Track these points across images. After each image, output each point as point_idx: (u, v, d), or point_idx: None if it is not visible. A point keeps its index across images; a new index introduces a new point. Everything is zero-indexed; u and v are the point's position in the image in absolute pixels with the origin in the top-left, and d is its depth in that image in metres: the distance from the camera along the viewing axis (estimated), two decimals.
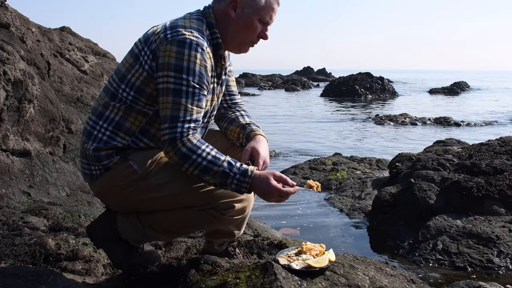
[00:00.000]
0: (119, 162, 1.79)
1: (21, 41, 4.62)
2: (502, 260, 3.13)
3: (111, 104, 1.81)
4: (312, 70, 50.60)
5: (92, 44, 7.10)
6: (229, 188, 1.70)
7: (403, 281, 1.83)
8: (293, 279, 1.60)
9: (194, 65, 1.68)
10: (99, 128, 1.81)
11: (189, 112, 1.69)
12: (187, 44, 1.68)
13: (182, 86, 1.68)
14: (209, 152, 1.68)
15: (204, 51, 1.71)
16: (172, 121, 1.68)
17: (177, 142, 1.67)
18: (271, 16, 1.87)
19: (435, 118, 13.81)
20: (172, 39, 1.69)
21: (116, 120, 1.80)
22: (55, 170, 3.78)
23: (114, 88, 1.81)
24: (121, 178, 1.79)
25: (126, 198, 1.83)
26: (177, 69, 1.67)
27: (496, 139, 4.80)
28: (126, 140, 1.80)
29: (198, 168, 1.67)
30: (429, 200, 3.76)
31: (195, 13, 1.85)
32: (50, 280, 1.87)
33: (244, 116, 2.04)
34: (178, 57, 1.67)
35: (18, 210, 2.93)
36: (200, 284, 1.67)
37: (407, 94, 28.76)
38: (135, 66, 1.77)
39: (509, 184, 3.66)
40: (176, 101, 1.68)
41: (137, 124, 1.80)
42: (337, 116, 15.75)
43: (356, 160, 6.58)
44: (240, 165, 1.69)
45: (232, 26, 1.83)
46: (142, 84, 1.76)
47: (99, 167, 1.81)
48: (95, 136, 1.81)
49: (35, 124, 3.74)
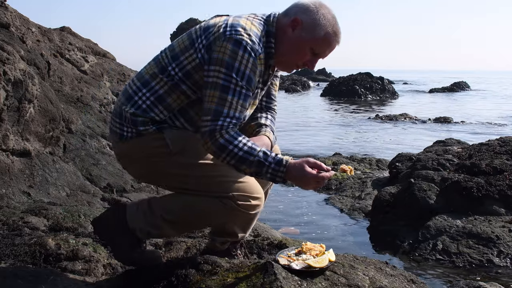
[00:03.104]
0: (154, 132, 1.84)
1: (21, 41, 4.62)
2: (502, 260, 3.13)
3: (159, 77, 1.85)
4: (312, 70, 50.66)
5: (92, 44, 7.10)
6: (264, 177, 1.76)
7: (403, 281, 1.83)
8: (293, 279, 1.60)
9: (245, 68, 1.74)
10: (141, 95, 1.85)
11: (233, 109, 1.74)
12: (242, 46, 1.72)
13: (231, 84, 1.73)
14: (246, 143, 1.74)
15: (256, 57, 1.76)
16: (215, 115, 1.73)
17: (216, 134, 1.73)
18: (325, 51, 1.88)
19: (435, 118, 13.81)
20: (230, 36, 1.73)
21: (160, 93, 1.84)
22: (55, 170, 3.78)
23: (165, 63, 1.85)
24: (151, 148, 1.84)
25: (149, 167, 1.89)
26: (229, 67, 1.72)
27: (496, 139, 4.80)
28: (163, 115, 1.85)
29: (234, 158, 1.73)
30: (429, 200, 3.76)
31: (260, 16, 1.88)
32: (50, 280, 1.87)
33: (267, 119, 2.09)
34: (232, 56, 1.72)
35: (18, 210, 2.93)
36: (200, 284, 1.67)
37: (407, 94, 28.75)
38: (189, 50, 1.81)
39: (509, 184, 3.66)
40: (223, 97, 1.73)
41: (178, 103, 1.85)
42: (337, 116, 15.75)
43: (356, 160, 6.59)
44: (275, 155, 1.75)
45: (285, 44, 1.86)
46: (192, 70, 1.81)
47: (133, 131, 1.85)
48: (135, 102, 1.85)
49: (35, 124, 3.74)
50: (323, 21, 1.82)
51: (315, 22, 1.82)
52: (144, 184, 4.38)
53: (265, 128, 2.02)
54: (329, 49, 1.89)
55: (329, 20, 1.83)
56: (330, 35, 1.84)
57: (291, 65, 1.93)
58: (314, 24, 1.82)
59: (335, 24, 1.85)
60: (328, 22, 1.83)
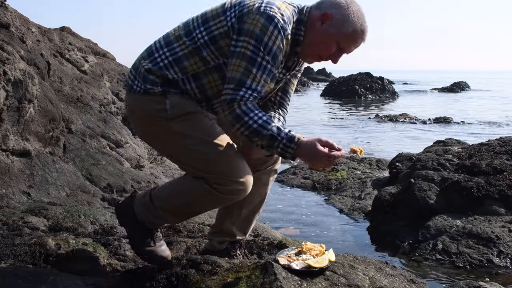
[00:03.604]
0: (159, 94, 1.87)
1: (21, 41, 4.61)
2: (502, 260, 3.13)
3: (183, 39, 1.88)
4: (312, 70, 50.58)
5: (92, 44, 7.10)
6: (274, 151, 1.79)
7: (403, 281, 1.83)
8: (293, 279, 1.60)
9: (273, 44, 1.77)
10: (161, 53, 1.89)
11: (256, 82, 1.78)
12: (274, 22, 1.76)
13: (258, 57, 1.76)
14: (261, 116, 1.77)
15: (284, 36, 1.79)
16: (238, 84, 1.77)
17: (234, 103, 1.76)
18: (350, 46, 1.91)
19: (435, 118, 13.81)
20: (264, 11, 1.77)
21: (180, 55, 1.87)
22: (55, 170, 3.78)
23: (193, 27, 1.88)
24: (152, 109, 1.88)
25: (147, 127, 1.96)
26: (258, 40, 1.75)
27: (496, 139, 4.80)
28: (177, 76, 1.87)
29: (248, 129, 1.77)
30: (429, 200, 3.76)
31: (295, 4, 1.92)
32: (50, 280, 1.87)
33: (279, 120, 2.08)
34: (263, 30, 1.75)
35: (18, 210, 2.93)
36: (200, 284, 1.67)
37: (407, 94, 28.75)
38: (220, 17, 1.84)
39: (509, 184, 3.66)
40: (249, 68, 1.76)
41: (194, 68, 1.88)
42: (337, 116, 15.75)
43: (356, 160, 6.59)
44: (289, 131, 1.78)
45: (312, 34, 1.88)
46: (219, 35, 1.82)
47: (141, 86, 1.89)
48: (154, 58, 1.90)
49: (35, 124, 3.74)
50: (352, 18, 1.85)
51: (344, 18, 1.85)
52: (144, 184, 4.38)
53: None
54: (355, 46, 1.91)
55: (358, 18, 1.86)
56: (358, 32, 1.87)
57: (315, 57, 1.95)
58: (343, 20, 1.85)
59: (363, 22, 1.87)
60: (357, 19, 1.85)
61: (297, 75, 2.15)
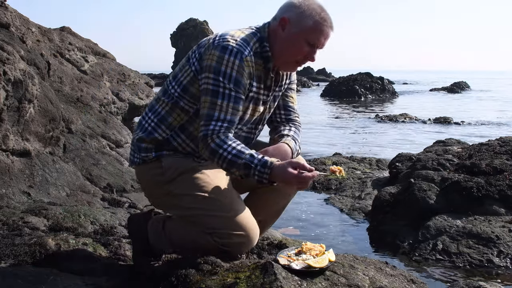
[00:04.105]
0: (154, 160, 1.95)
1: (21, 41, 4.62)
2: (502, 260, 3.13)
3: (161, 99, 1.98)
4: (312, 70, 50.59)
5: (92, 44, 7.10)
6: (252, 178, 1.79)
7: (403, 281, 1.83)
8: (293, 279, 1.60)
9: (231, 70, 1.80)
10: (147, 119, 2.00)
11: (223, 112, 1.81)
12: (228, 50, 1.80)
13: (219, 88, 1.80)
14: (235, 147, 1.79)
15: (243, 58, 1.81)
16: (207, 119, 1.82)
17: (208, 139, 1.80)
18: (319, 39, 1.89)
19: (435, 118, 13.80)
20: (217, 44, 1.83)
21: (162, 114, 1.96)
22: (55, 170, 3.78)
23: (167, 85, 1.99)
24: (151, 175, 1.97)
25: (152, 192, 2.04)
26: (216, 72, 1.80)
27: (496, 139, 4.80)
28: (166, 134, 1.95)
29: (225, 161, 1.79)
30: (429, 200, 3.76)
31: (253, 27, 1.96)
32: (50, 280, 1.87)
33: (290, 130, 2.09)
34: (219, 61, 1.80)
35: (18, 210, 2.93)
36: (200, 284, 1.67)
37: (407, 94, 28.74)
38: (186, 67, 1.94)
39: (509, 184, 3.66)
40: (213, 101, 1.81)
41: (178, 121, 1.94)
42: (337, 116, 15.75)
43: (356, 160, 6.59)
44: (262, 157, 1.78)
45: (279, 44, 1.90)
46: (188, 83, 1.91)
47: (138, 157, 1.99)
48: (142, 125, 2.00)
49: (35, 124, 3.74)
50: (309, 12, 1.85)
51: (301, 15, 1.86)
52: None
53: (286, 138, 2.03)
54: (323, 37, 1.89)
55: (314, 9, 1.86)
56: (319, 23, 1.86)
57: (292, 63, 1.95)
58: (301, 16, 1.86)
59: (321, 11, 1.87)
60: (314, 11, 1.86)
61: (292, 87, 2.15)
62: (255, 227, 1.90)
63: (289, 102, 2.16)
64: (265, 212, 2.13)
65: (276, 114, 2.14)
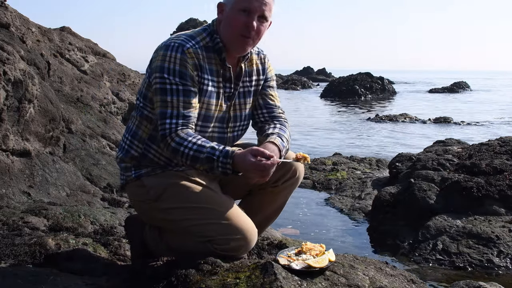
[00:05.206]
0: (135, 179, 1.95)
1: (21, 41, 4.62)
2: (502, 260, 3.13)
3: (132, 115, 2.02)
4: (312, 70, 50.59)
5: (92, 44, 7.10)
6: (217, 172, 1.76)
7: (403, 281, 1.83)
8: (293, 279, 1.60)
9: (174, 65, 1.81)
10: (124, 139, 2.02)
11: (175, 108, 1.80)
12: (169, 47, 1.82)
13: (166, 85, 1.81)
14: (195, 142, 1.77)
15: (184, 51, 1.82)
16: (161, 117, 1.81)
17: (167, 138, 1.79)
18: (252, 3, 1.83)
19: (435, 118, 13.80)
20: (162, 45, 1.86)
21: (133, 129, 1.98)
22: (55, 170, 3.78)
23: (135, 100, 2.03)
24: (137, 194, 1.98)
25: (143, 211, 2.04)
26: (161, 70, 1.81)
27: (496, 139, 4.80)
28: (140, 148, 1.95)
29: (188, 158, 1.77)
30: (429, 200, 3.76)
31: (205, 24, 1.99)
32: (50, 280, 1.87)
33: (275, 128, 2.01)
34: (162, 59, 1.82)
35: (18, 210, 2.93)
36: (200, 284, 1.67)
37: (407, 94, 28.74)
38: (145, 77, 1.97)
39: (509, 184, 3.66)
40: (163, 98, 1.81)
41: (146, 132, 1.94)
42: (337, 116, 15.75)
43: (356, 160, 6.58)
44: (223, 148, 1.75)
45: (222, 27, 1.91)
46: (146, 90, 1.92)
47: (123, 178, 2.02)
48: (121, 146, 2.03)
49: (35, 124, 3.74)
50: None
51: None
52: None
53: (271, 136, 1.96)
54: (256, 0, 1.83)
55: None
56: None
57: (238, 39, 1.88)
58: None
59: None
60: None
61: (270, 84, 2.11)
62: (252, 229, 1.87)
63: (269, 100, 2.11)
64: (262, 213, 2.11)
65: (259, 114, 2.09)
